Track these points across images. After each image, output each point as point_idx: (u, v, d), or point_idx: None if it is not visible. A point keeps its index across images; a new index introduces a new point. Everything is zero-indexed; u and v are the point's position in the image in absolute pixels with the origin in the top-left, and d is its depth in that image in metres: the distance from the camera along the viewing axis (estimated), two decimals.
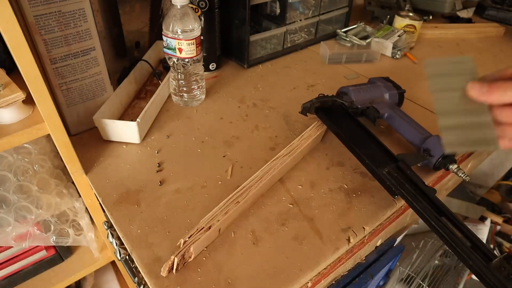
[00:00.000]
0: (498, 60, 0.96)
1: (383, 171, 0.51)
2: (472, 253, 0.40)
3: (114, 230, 0.52)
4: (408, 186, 0.48)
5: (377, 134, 0.65)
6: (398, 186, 0.49)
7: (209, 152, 0.62)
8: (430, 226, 0.45)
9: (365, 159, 0.53)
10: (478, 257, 0.40)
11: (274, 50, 0.90)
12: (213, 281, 0.43)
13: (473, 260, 0.40)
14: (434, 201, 0.46)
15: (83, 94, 0.62)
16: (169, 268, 0.42)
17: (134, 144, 0.63)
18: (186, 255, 0.43)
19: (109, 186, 0.55)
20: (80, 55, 0.58)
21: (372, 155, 0.53)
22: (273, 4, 0.88)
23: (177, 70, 0.68)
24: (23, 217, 0.59)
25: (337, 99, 0.63)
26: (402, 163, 0.51)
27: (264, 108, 0.73)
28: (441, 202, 0.46)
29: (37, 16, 0.50)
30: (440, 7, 1.11)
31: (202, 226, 0.45)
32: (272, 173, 0.52)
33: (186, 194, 0.54)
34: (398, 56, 0.93)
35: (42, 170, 0.63)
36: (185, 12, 0.63)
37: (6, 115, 0.49)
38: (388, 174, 0.50)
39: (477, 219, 1.45)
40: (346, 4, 0.98)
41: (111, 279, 0.94)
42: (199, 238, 0.43)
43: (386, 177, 0.50)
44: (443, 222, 0.44)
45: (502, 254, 1.43)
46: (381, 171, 0.51)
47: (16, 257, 0.66)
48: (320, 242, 0.47)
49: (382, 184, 0.52)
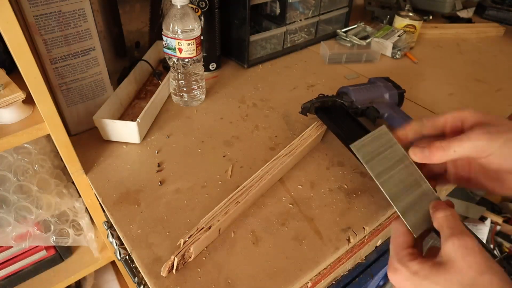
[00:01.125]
0: (498, 60, 0.96)
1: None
2: None
3: (114, 230, 0.52)
4: None
5: None
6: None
7: (209, 152, 0.62)
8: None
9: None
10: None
11: (274, 50, 0.90)
12: (213, 281, 0.43)
13: None
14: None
15: (83, 94, 0.62)
16: (169, 268, 0.42)
17: (134, 144, 0.63)
18: (186, 255, 0.43)
19: (109, 186, 0.55)
20: (80, 55, 0.58)
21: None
22: (273, 4, 0.88)
23: (177, 70, 0.68)
24: (23, 217, 0.59)
25: (337, 99, 0.63)
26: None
27: (264, 108, 0.73)
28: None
29: (37, 16, 0.50)
30: (440, 7, 1.11)
31: (202, 226, 0.45)
32: (272, 173, 0.52)
33: (186, 194, 0.54)
34: (398, 56, 0.93)
35: (42, 170, 0.63)
36: (185, 12, 0.63)
37: (6, 115, 0.49)
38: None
39: (477, 219, 1.45)
40: (346, 4, 0.98)
41: (111, 279, 0.94)
42: (199, 238, 0.43)
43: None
44: None
45: (502, 254, 1.43)
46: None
47: (16, 257, 0.66)
48: (320, 242, 0.47)
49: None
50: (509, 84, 0.85)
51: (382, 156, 0.41)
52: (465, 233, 0.30)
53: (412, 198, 0.40)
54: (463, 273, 0.29)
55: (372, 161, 0.41)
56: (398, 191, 0.40)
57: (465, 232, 0.31)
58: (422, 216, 0.39)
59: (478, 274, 0.28)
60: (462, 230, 0.31)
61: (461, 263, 0.29)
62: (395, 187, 0.40)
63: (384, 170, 0.41)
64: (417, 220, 0.38)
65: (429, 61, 0.94)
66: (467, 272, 0.28)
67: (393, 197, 0.40)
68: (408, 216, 0.38)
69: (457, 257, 0.29)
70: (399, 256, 0.33)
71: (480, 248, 0.29)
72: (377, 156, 0.41)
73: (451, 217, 0.33)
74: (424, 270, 0.30)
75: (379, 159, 0.41)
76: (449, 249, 0.30)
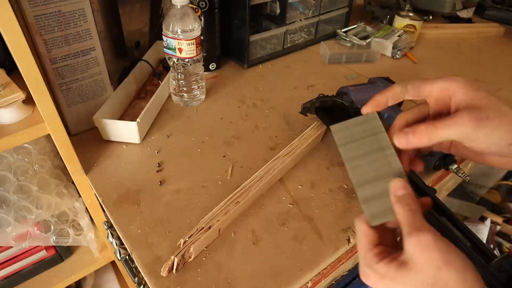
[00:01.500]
0: (498, 60, 0.96)
1: None
2: (471, 253, 0.40)
3: (114, 230, 0.52)
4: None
5: None
6: None
7: (209, 152, 0.62)
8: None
9: None
10: (478, 257, 0.40)
11: (274, 50, 0.90)
12: (213, 281, 0.43)
13: (472, 260, 0.40)
14: (435, 201, 0.46)
15: (83, 94, 0.62)
16: (169, 268, 0.42)
17: (134, 144, 0.63)
18: (186, 255, 0.43)
19: (109, 186, 0.55)
20: (80, 55, 0.58)
21: None
22: (273, 4, 0.88)
23: (177, 70, 0.68)
24: (23, 217, 0.59)
25: (337, 99, 0.63)
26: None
27: (264, 108, 0.73)
28: (441, 202, 0.46)
29: (37, 16, 0.50)
30: (440, 7, 1.11)
31: (202, 226, 0.45)
32: (272, 173, 0.52)
33: (186, 194, 0.54)
34: (398, 56, 0.93)
35: (42, 170, 0.63)
36: (185, 12, 0.63)
37: (6, 115, 0.49)
38: None
39: (477, 219, 1.45)
40: (346, 4, 0.98)
41: (111, 279, 0.94)
42: (199, 238, 0.43)
43: None
44: (442, 222, 0.44)
45: (502, 254, 1.43)
46: None
47: (16, 257, 0.66)
48: (320, 242, 0.47)
49: None
50: (509, 84, 0.85)
51: (362, 142, 0.38)
52: (421, 229, 0.29)
53: (381, 189, 0.36)
54: (423, 271, 0.28)
55: (347, 145, 0.39)
56: (368, 179, 0.37)
57: (421, 228, 0.30)
58: (387, 209, 0.35)
59: (436, 270, 0.28)
60: (419, 226, 0.30)
61: (420, 261, 0.28)
62: (365, 175, 0.37)
63: (359, 155, 0.38)
64: (379, 212, 0.35)
65: (429, 61, 0.94)
66: (426, 270, 0.28)
67: (358, 184, 0.37)
68: (370, 206, 0.36)
69: (415, 255, 0.29)
70: (366, 259, 0.32)
71: (436, 243, 0.28)
72: (356, 141, 0.39)
73: (409, 213, 0.32)
74: (391, 272, 0.30)
75: (357, 144, 0.38)
76: (408, 248, 0.29)
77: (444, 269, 0.28)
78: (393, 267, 0.30)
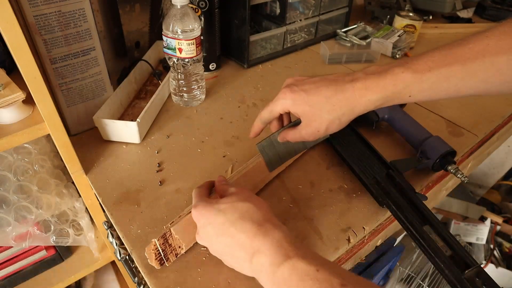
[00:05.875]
0: None
1: (370, 182, 0.51)
2: (448, 263, 0.40)
3: (114, 230, 0.52)
4: (394, 196, 0.48)
5: (377, 133, 0.65)
6: (385, 196, 0.49)
7: (209, 152, 0.62)
8: (410, 235, 0.45)
9: (355, 169, 0.54)
10: (454, 267, 0.40)
11: (274, 50, 0.90)
12: (213, 281, 0.43)
13: (448, 269, 0.40)
14: (420, 209, 0.46)
15: (83, 94, 0.62)
16: (156, 255, 0.42)
17: (134, 144, 0.63)
18: (170, 240, 0.43)
19: (109, 186, 0.55)
20: (80, 55, 0.58)
21: (363, 164, 0.54)
22: (273, 4, 0.88)
23: (177, 70, 0.68)
24: (23, 217, 0.59)
25: None
26: (393, 170, 0.51)
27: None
28: (427, 210, 0.46)
29: (37, 16, 0.50)
30: (440, 7, 1.11)
31: (185, 212, 0.45)
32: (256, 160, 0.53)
33: (186, 194, 0.54)
34: (398, 56, 0.93)
35: (42, 170, 0.63)
36: (185, 12, 0.63)
37: (6, 115, 0.49)
38: (376, 184, 0.51)
39: (477, 219, 1.45)
40: (346, 4, 0.98)
41: (111, 279, 0.94)
42: (178, 222, 0.44)
43: (373, 187, 0.51)
44: (423, 231, 0.44)
45: (502, 254, 1.43)
46: (369, 181, 0.52)
47: (16, 257, 0.66)
48: (320, 242, 0.47)
49: (371, 194, 0.52)
50: None
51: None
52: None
53: (280, 149, 0.51)
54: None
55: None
56: (273, 151, 0.51)
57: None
58: (278, 157, 0.51)
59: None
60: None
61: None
62: (273, 150, 0.51)
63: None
64: (273, 158, 0.51)
65: None
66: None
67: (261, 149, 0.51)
68: (266, 154, 0.51)
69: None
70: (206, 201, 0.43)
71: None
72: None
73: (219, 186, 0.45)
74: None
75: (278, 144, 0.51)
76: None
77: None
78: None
